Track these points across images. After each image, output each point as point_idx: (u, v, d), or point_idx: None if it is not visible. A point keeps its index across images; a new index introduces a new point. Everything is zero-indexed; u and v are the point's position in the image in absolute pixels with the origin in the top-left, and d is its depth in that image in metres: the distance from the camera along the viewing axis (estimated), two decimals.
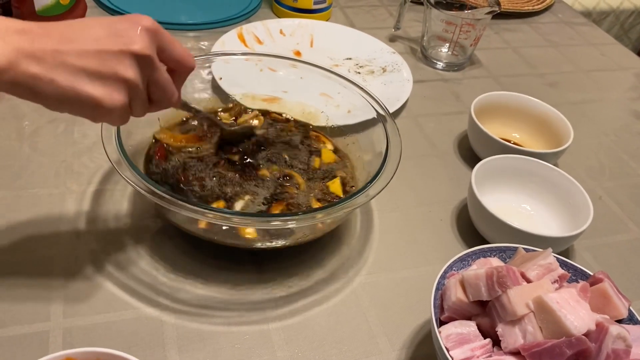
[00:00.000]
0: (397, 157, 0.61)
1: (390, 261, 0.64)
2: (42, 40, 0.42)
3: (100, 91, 0.44)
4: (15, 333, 0.51)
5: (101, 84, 0.44)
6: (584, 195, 0.67)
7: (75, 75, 0.43)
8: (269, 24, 1.00)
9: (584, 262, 0.68)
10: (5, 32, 0.40)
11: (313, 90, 0.75)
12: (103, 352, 0.41)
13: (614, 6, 1.66)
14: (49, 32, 0.42)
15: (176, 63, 0.50)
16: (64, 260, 0.58)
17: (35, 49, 0.41)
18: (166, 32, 0.48)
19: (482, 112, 0.80)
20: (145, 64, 0.46)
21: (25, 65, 0.41)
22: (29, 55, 0.41)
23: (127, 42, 0.44)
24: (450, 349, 0.47)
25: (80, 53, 0.43)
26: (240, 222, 0.54)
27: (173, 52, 0.49)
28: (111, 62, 0.44)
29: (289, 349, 0.54)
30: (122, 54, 0.44)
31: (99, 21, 0.45)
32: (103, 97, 0.44)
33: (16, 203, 0.63)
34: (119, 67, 0.44)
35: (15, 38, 0.41)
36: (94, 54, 0.43)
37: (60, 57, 0.42)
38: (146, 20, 0.46)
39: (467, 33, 0.96)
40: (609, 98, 1.03)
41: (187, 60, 0.51)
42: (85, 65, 0.43)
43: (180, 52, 0.50)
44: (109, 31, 0.44)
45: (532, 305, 0.46)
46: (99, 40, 0.44)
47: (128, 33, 0.45)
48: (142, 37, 0.45)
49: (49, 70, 0.42)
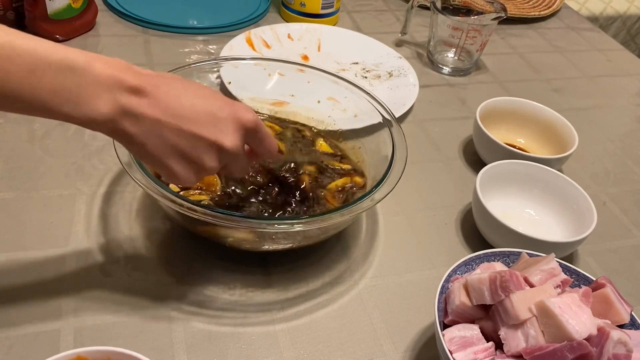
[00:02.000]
0: (403, 161, 0.62)
1: (395, 264, 0.65)
2: (149, 105, 0.44)
3: (180, 169, 0.47)
4: (26, 332, 0.52)
5: (184, 163, 0.47)
6: (588, 201, 0.68)
7: (165, 148, 0.45)
8: (277, 28, 1.01)
9: (587, 267, 0.69)
10: (118, 88, 0.43)
11: (320, 94, 0.76)
12: (114, 351, 0.42)
13: (620, 11, 1.66)
14: (160, 96, 0.44)
15: (262, 153, 0.53)
16: (74, 260, 0.59)
17: (140, 112, 0.44)
18: (264, 128, 0.51)
19: (487, 117, 0.81)
20: (229, 157, 0.49)
21: (125, 123, 0.44)
22: (132, 116, 0.43)
23: (221, 136, 0.47)
24: (454, 352, 0.47)
25: (177, 131, 0.45)
26: (247, 226, 0.54)
27: (262, 147, 0.52)
28: (201, 149, 0.46)
29: (294, 350, 0.55)
30: (213, 145, 0.47)
31: (205, 100, 0.47)
32: (181, 174, 0.47)
33: (27, 204, 0.64)
34: (205, 157, 0.47)
35: (124, 97, 0.43)
36: (188, 136, 0.45)
37: (159, 128, 0.44)
38: (248, 118, 0.48)
39: (473, 38, 0.97)
40: (615, 104, 1.03)
41: (272, 154, 0.54)
42: (178, 143, 0.45)
43: (268, 147, 0.52)
44: (210, 116, 0.46)
45: (534, 310, 0.47)
46: (198, 124, 0.46)
47: (226, 127, 0.47)
48: (237, 135, 0.48)
49: (144, 135, 0.44)
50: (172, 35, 0.98)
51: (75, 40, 0.93)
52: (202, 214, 0.52)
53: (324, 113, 0.76)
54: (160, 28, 0.99)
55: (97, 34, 0.96)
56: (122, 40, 0.95)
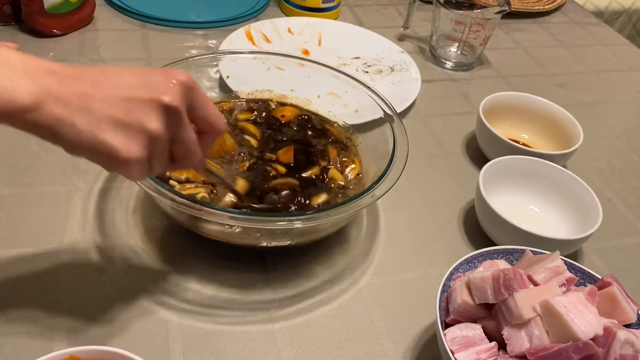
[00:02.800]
0: (404, 157, 0.61)
1: (396, 262, 0.64)
2: (72, 83, 0.40)
3: (119, 141, 0.41)
4: (19, 331, 0.51)
5: (122, 134, 0.41)
6: (593, 198, 0.66)
7: (98, 121, 0.41)
8: (277, 23, 1.00)
9: (592, 265, 0.68)
10: (36, 71, 0.39)
11: (321, 89, 0.75)
12: (107, 351, 0.41)
13: (626, 6, 1.65)
14: (81, 75, 0.41)
15: (206, 124, 0.48)
16: (69, 257, 0.58)
17: (63, 91, 0.40)
18: (201, 90, 0.47)
19: (490, 112, 0.80)
20: (173, 119, 0.44)
21: (50, 107, 0.39)
22: (56, 97, 0.39)
23: (157, 93, 0.43)
24: (455, 352, 0.47)
25: (107, 99, 0.41)
26: (246, 222, 0.54)
27: (205, 112, 0.47)
28: (138, 111, 0.42)
29: (293, 349, 0.54)
30: (151, 104, 0.42)
31: (133, 70, 0.44)
32: (121, 147, 0.41)
33: (23, 200, 0.63)
34: (145, 118, 0.42)
35: (45, 78, 0.39)
36: (121, 100, 0.41)
37: (86, 100, 0.40)
38: (182, 75, 0.45)
39: (477, 33, 0.96)
40: (620, 99, 1.02)
41: (218, 123, 0.49)
42: (110, 111, 0.41)
43: (212, 113, 0.48)
44: (142, 80, 0.43)
45: (538, 309, 0.46)
46: (129, 88, 0.42)
47: (161, 84, 0.43)
48: (174, 90, 0.44)
49: (73, 114, 0.40)
50: (171, 29, 0.97)
51: (72, 34, 0.92)
52: (199, 210, 0.51)
53: (324, 108, 0.75)
54: (159, 22, 0.97)
55: (94, 29, 0.95)
56: (120, 34, 0.94)
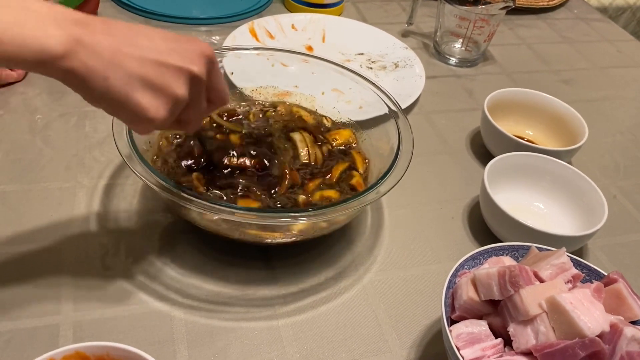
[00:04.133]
0: (409, 153, 0.60)
1: (401, 259, 0.64)
2: (104, 37, 0.40)
3: (148, 101, 0.43)
4: (25, 326, 0.51)
5: (153, 94, 0.43)
6: (598, 194, 0.66)
7: (130, 79, 0.41)
8: (281, 19, 1.00)
9: (598, 262, 0.67)
10: (63, 19, 0.39)
11: (324, 85, 0.74)
12: (113, 347, 0.41)
13: (630, 2, 1.64)
14: (112, 30, 0.41)
15: (215, 96, 0.51)
16: (74, 253, 0.58)
17: (96, 42, 0.40)
18: (218, 65, 0.50)
19: (495, 108, 0.80)
20: (196, 87, 0.46)
21: (83, 56, 0.39)
22: (88, 47, 0.39)
23: (187, 62, 0.44)
24: (461, 349, 0.46)
25: (141, 59, 0.42)
26: (249, 219, 0.53)
27: (216, 84, 0.50)
28: (168, 76, 0.43)
29: (298, 346, 0.54)
30: (181, 71, 0.44)
31: (162, 33, 0.45)
32: (149, 107, 0.43)
33: (27, 196, 0.63)
34: (174, 84, 0.44)
35: (74, 28, 0.39)
36: (154, 63, 0.42)
37: (120, 57, 0.41)
38: (207, 47, 0.47)
39: (481, 29, 0.95)
40: (625, 96, 1.01)
41: (224, 96, 0.52)
42: (143, 72, 0.42)
43: (222, 86, 0.51)
44: (173, 46, 0.44)
45: (544, 306, 0.46)
46: (162, 52, 0.43)
47: (190, 54, 0.45)
48: (201, 62, 0.46)
49: (106, 67, 0.40)
50: (174, 25, 0.97)
51: None
52: (203, 206, 0.51)
53: (328, 104, 0.75)
54: (163, 19, 0.97)
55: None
56: None
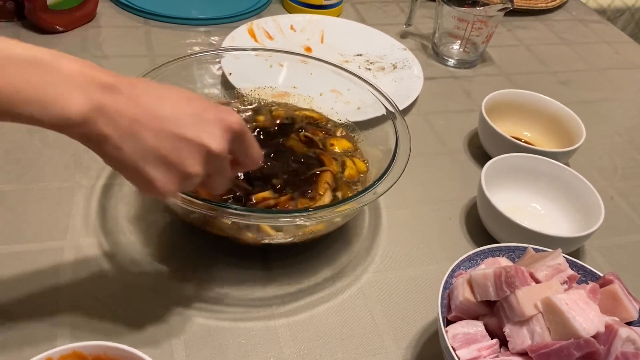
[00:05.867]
0: (407, 154, 0.61)
1: (398, 259, 0.64)
2: (126, 105, 0.40)
3: (159, 176, 0.42)
4: (23, 325, 0.51)
5: (164, 169, 0.42)
6: (595, 195, 0.66)
7: (144, 152, 0.41)
8: (280, 20, 1.00)
9: (594, 263, 0.68)
10: (90, 84, 0.39)
11: (323, 86, 0.74)
12: (110, 346, 0.41)
13: (629, 4, 1.64)
14: (137, 97, 0.41)
15: (245, 161, 0.49)
16: (72, 253, 0.58)
17: (116, 110, 0.39)
18: (249, 134, 0.47)
19: (493, 110, 0.80)
20: (215, 164, 0.45)
21: (100, 123, 0.39)
22: (107, 115, 0.39)
23: (207, 138, 0.42)
24: (457, 349, 0.47)
25: (158, 132, 0.41)
26: (247, 219, 0.54)
27: (247, 153, 0.48)
28: (183, 152, 0.42)
29: (295, 346, 0.54)
30: (198, 148, 0.42)
31: (189, 102, 0.44)
32: (159, 182, 0.42)
33: (25, 196, 0.64)
34: (189, 161, 0.42)
35: (98, 94, 0.39)
36: (170, 137, 0.41)
37: (137, 128, 0.40)
38: (235, 120, 0.45)
39: (479, 30, 0.95)
40: (623, 97, 1.01)
41: (256, 162, 0.50)
42: (158, 146, 0.41)
43: (253, 155, 0.49)
44: (195, 119, 0.43)
45: (540, 306, 0.46)
46: (181, 125, 0.42)
47: (212, 128, 0.43)
48: (223, 138, 0.44)
49: (121, 138, 0.40)
50: (173, 26, 0.97)
51: (75, 31, 0.92)
52: (201, 207, 0.51)
53: (326, 105, 0.75)
54: (162, 19, 0.97)
55: (97, 25, 0.95)
56: (123, 31, 0.94)
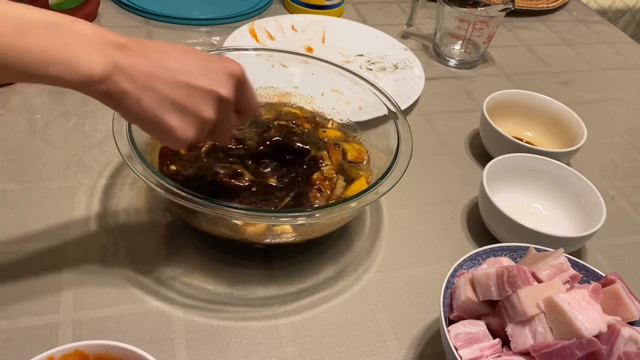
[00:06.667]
0: (408, 154, 0.61)
1: (400, 259, 0.64)
2: (140, 61, 0.43)
3: (177, 122, 0.46)
4: (24, 325, 0.51)
5: (181, 116, 0.46)
6: (597, 195, 0.66)
7: (161, 102, 0.44)
8: (281, 20, 1.00)
9: (596, 263, 0.68)
10: (106, 44, 0.42)
11: (324, 86, 0.74)
12: (112, 345, 0.41)
13: (630, 5, 1.64)
14: (147, 53, 0.44)
15: (246, 109, 0.53)
16: (73, 253, 0.58)
17: (132, 67, 0.43)
18: (249, 82, 0.51)
19: (494, 110, 0.80)
20: (224, 108, 0.49)
21: (119, 79, 0.42)
22: (124, 71, 0.42)
23: (216, 85, 0.47)
24: (459, 348, 0.47)
25: (172, 82, 0.45)
26: (249, 218, 0.54)
27: (248, 102, 0.52)
28: (197, 98, 0.46)
29: (296, 345, 0.54)
30: (209, 94, 0.46)
31: (194, 54, 0.47)
32: (178, 128, 0.46)
33: (27, 195, 0.64)
34: (202, 107, 0.46)
35: (113, 52, 0.42)
36: (184, 86, 0.45)
37: (152, 81, 0.44)
38: (237, 68, 0.49)
39: (480, 30, 0.96)
40: (624, 97, 1.01)
41: (255, 111, 0.55)
42: (173, 95, 0.45)
43: (253, 102, 0.53)
44: (203, 69, 0.46)
45: (542, 306, 0.46)
46: (191, 75, 0.46)
47: (219, 76, 0.47)
48: (230, 84, 0.48)
49: (139, 90, 0.43)
50: (174, 26, 0.97)
51: None
52: (203, 206, 0.51)
53: (328, 105, 0.75)
54: (163, 19, 0.97)
55: (98, 25, 0.94)
56: (124, 31, 0.94)
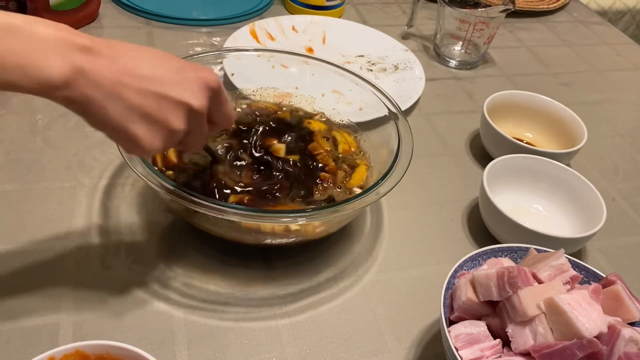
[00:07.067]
0: (409, 155, 0.61)
1: (400, 259, 0.64)
2: (106, 65, 0.40)
3: (144, 132, 0.43)
4: (25, 325, 0.51)
5: (148, 126, 0.43)
6: (597, 196, 0.66)
7: (128, 111, 0.42)
8: (282, 21, 1.00)
9: (596, 263, 0.68)
10: (67, 47, 0.39)
11: (325, 87, 0.75)
12: (113, 346, 0.41)
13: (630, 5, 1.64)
14: (115, 57, 0.41)
15: (220, 120, 0.51)
16: (74, 253, 0.58)
17: (96, 72, 0.40)
18: (224, 93, 0.49)
19: (494, 111, 0.80)
20: (196, 120, 0.46)
21: (82, 85, 0.40)
22: (88, 77, 0.40)
23: (188, 96, 0.44)
24: (460, 349, 0.47)
25: (140, 91, 0.42)
26: (249, 219, 0.54)
27: (222, 112, 0.50)
28: (167, 109, 0.43)
29: (297, 346, 0.54)
30: (180, 105, 0.44)
31: (168, 61, 0.45)
32: (145, 138, 0.43)
33: (28, 196, 0.64)
34: (172, 118, 0.44)
35: (77, 56, 0.39)
36: (153, 95, 0.43)
37: (119, 88, 0.41)
38: (212, 78, 0.46)
39: (481, 31, 0.96)
40: (624, 98, 1.01)
41: (229, 122, 0.52)
42: (141, 104, 0.42)
43: (227, 114, 0.51)
44: (176, 77, 0.44)
45: (543, 306, 0.46)
46: (162, 84, 0.43)
47: (192, 86, 0.45)
48: (203, 94, 0.45)
49: (105, 98, 0.41)
50: (175, 27, 0.97)
51: None
52: (203, 206, 0.51)
53: (328, 106, 0.75)
54: (164, 20, 0.98)
55: (100, 26, 0.95)
56: (125, 31, 0.94)
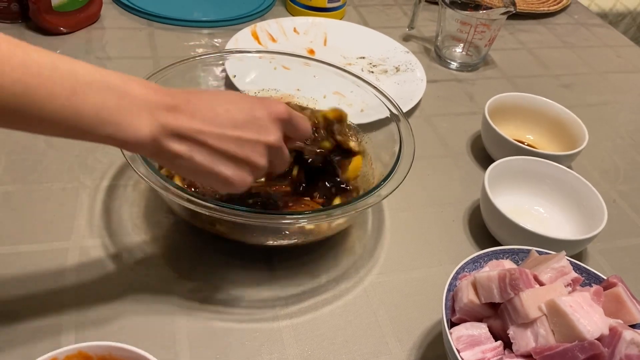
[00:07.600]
0: (410, 157, 0.61)
1: (402, 261, 0.64)
2: (188, 121, 0.45)
3: (232, 172, 0.47)
4: (27, 326, 0.52)
5: (234, 166, 0.47)
6: (598, 198, 0.66)
7: (213, 156, 0.46)
8: (283, 22, 1.00)
9: (597, 265, 0.68)
10: (156, 107, 0.43)
11: (326, 88, 0.75)
12: (115, 347, 0.41)
13: (630, 8, 1.64)
14: (194, 111, 0.45)
15: (298, 137, 0.55)
16: (76, 254, 0.58)
17: (180, 127, 0.44)
18: (295, 115, 0.52)
19: (496, 113, 0.80)
20: (274, 151, 0.50)
21: (169, 142, 0.44)
22: (174, 133, 0.44)
23: (263, 134, 0.48)
24: (461, 351, 0.47)
25: (220, 137, 0.46)
26: (251, 220, 0.54)
27: (297, 132, 0.53)
28: (246, 148, 0.47)
29: (298, 347, 0.54)
30: (257, 144, 0.48)
31: (238, 104, 0.48)
32: (234, 177, 0.47)
33: (30, 197, 0.64)
34: (253, 155, 0.48)
35: (163, 115, 0.43)
36: (232, 139, 0.46)
37: (202, 137, 0.45)
38: (281, 110, 0.50)
39: (482, 33, 0.96)
40: (625, 100, 1.02)
41: (306, 136, 0.55)
42: (224, 148, 0.46)
43: (303, 131, 0.53)
44: (247, 118, 0.47)
45: (544, 309, 0.46)
46: (237, 127, 0.47)
47: (265, 123, 0.48)
48: (276, 129, 0.49)
49: (190, 149, 0.45)
50: (177, 28, 0.97)
51: (79, 32, 0.92)
52: (206, 208, 0.51)
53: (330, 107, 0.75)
54: (165, 21, 0.98)
55: (101, 27, 0.95)
56: (126, 33, 0.94)
